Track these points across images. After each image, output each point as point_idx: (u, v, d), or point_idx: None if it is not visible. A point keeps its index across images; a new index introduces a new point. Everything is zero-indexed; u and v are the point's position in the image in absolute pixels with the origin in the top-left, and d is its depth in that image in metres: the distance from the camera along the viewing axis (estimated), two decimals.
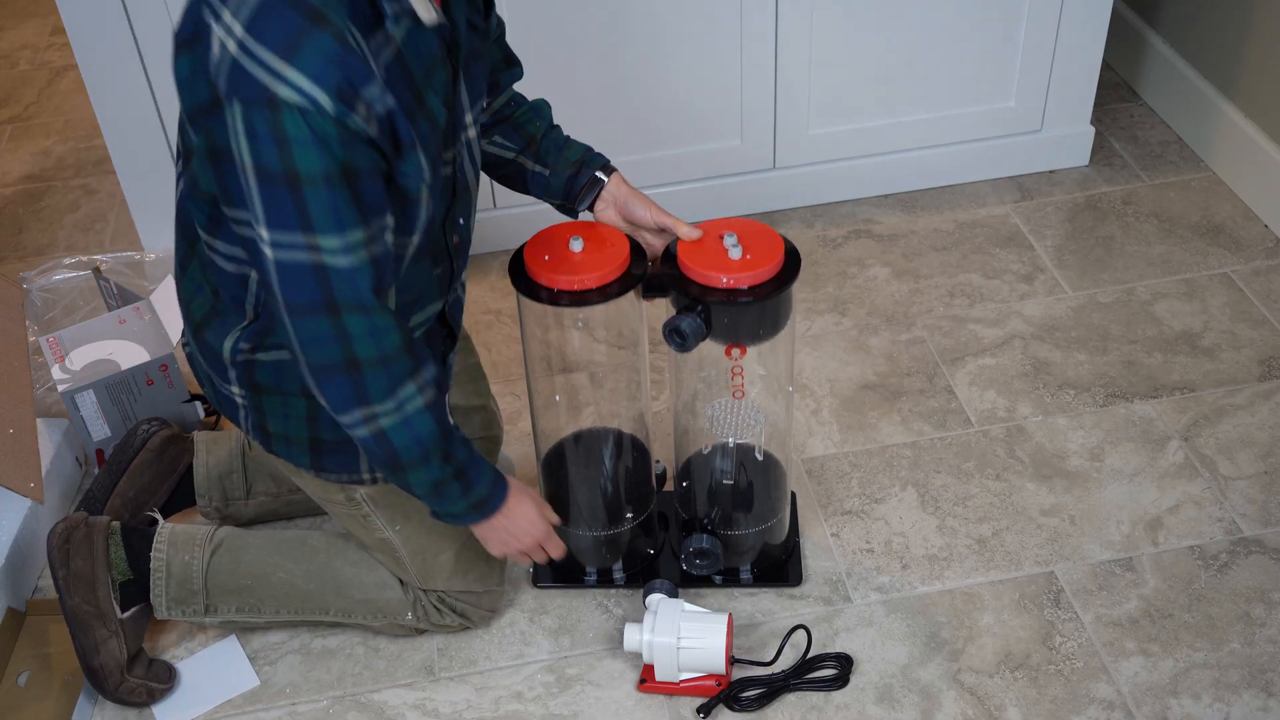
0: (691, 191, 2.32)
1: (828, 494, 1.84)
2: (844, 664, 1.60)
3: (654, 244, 1.55)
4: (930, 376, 2.02)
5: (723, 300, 1.44)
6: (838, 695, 1.58)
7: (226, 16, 1.15)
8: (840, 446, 1.92)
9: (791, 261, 1.47)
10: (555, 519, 1.59)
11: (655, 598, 1.62)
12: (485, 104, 1.46)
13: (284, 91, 1.12)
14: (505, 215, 2.26)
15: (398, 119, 1.20)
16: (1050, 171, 2.44)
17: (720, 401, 1.60)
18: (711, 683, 1.58)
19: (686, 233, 1.49)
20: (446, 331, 1.52)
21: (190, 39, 1.20)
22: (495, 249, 2.31)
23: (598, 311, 1.55)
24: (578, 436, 1.69)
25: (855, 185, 2.39)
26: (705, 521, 1.68)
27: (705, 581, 1.71)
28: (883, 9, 2.17)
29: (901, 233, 2.32)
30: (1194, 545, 1.74)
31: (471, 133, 1.40)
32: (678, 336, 1.45)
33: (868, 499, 1.83)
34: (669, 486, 1.77)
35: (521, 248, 1.51)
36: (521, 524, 1.52)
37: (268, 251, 1.21)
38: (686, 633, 1.56)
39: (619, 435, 1.69)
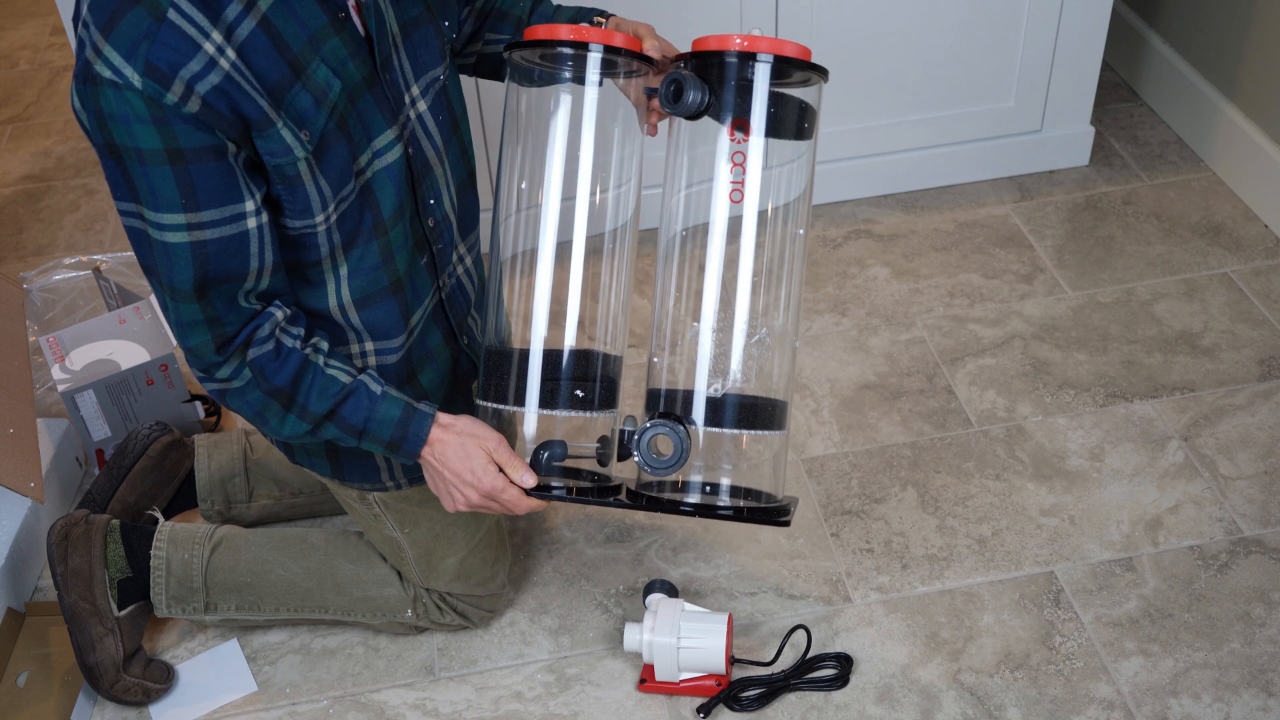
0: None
1: (828, 494, 1.84)
2: (844, 664, 1.60)
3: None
4: (930, 376, 2.02)
5: (735, 56, 1.30)
6: (838, 695, 1.58)
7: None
8: (840, 446, 1.92)
9: (818, 66, 1.33)
10: (523, 476, 1.36)
11: (655, 597, 1.62)
12: (441, 75, 1.40)
13: (99, 67, 1.12)
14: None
15: (237, 96, 1.15)
16: (1050, 171, 2.44)
17: (709, 313, 1.37)
18: (711, 683, 1.58)
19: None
20: (447, 327, 1.50)
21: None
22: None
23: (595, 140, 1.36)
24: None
25: (855, 185, 2.39)
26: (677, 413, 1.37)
27: (672, 507, 1.37)
28: (883, 9, 2.17)
29: (901, 233, 2.32)
30: (1194, 545, 1.74)
31: (422, 106, 1.36)
32: (673, 88, 1.30)
33: (868, 499, 1.83)
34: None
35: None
36: (456, 473, 1.36)
37: (120, 217, 1.22)
38: (686, 633, 1.56)
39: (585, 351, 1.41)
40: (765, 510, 1.38)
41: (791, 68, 1.32)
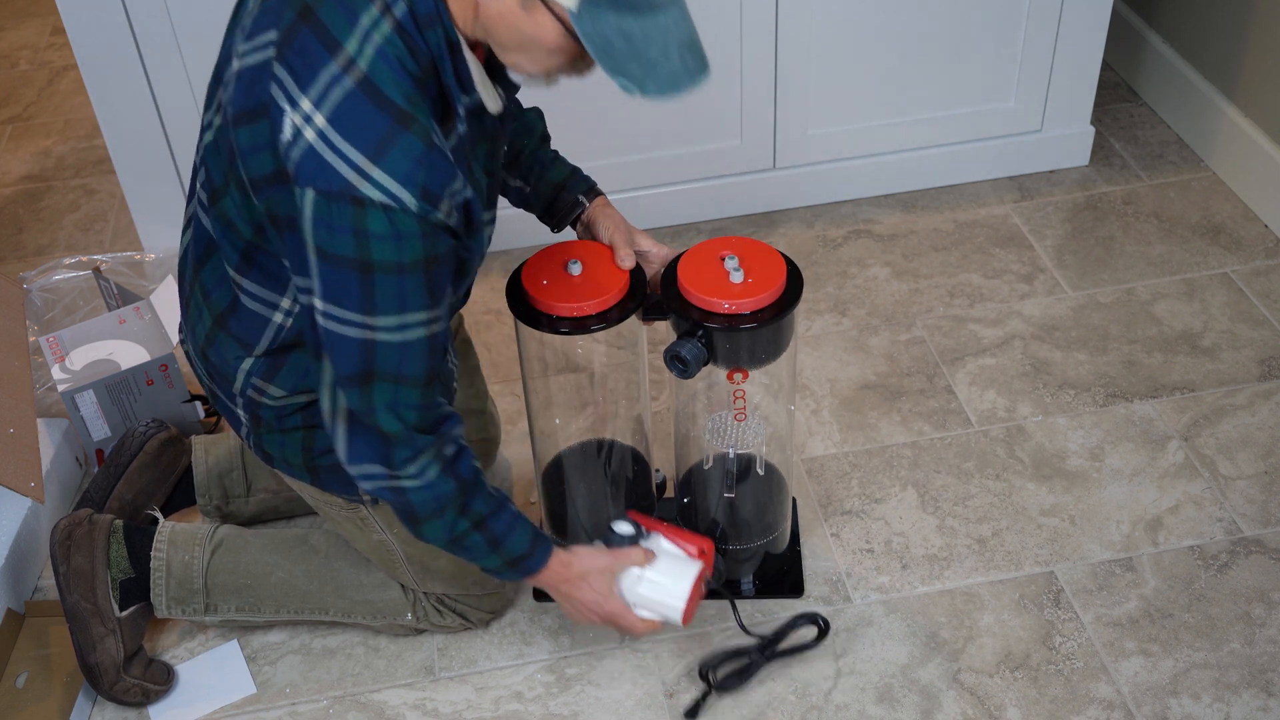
0: (691, 192, 2.32)
1: (828, 494, 1.84)
2: (820, 625, 1.60)
3: (649, 266, 1.54)
4: (930, 376, 2.02)
5: (725, 326, 1.42)
6: (838, 695, 1.58)
7: (305, 104, 1.16)
8: (840, 446, 1.92)
9: (793, 283, 1.45)
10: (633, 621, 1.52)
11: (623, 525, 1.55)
12: None
13: (369, 190, 1.16)
14: (504, 215, 2.26)
15: (473, 205, 1.25)
16: (1050, 171, 2.44)
17: (720, 414, 1.60)
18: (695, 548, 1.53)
19: (658, 252, 1.52)
20: None
21: (252, 113, 1.21)
22: (495, 249, 2.31)
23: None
24: (577, 449, 1.68)
25: (855, 185, 2.39)
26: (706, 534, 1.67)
27: (707, 594, 1.65)
28: (883, 9, 2.17)
29: (901, 233, 2.32)
30: (1194, 545, 1.74)
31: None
32: (679, 363, 1.43)
33: (868, 499, 1.83)
34: (669, 493, 1.77)
35: (519, 270, 1.49)
36: (586, 601, 1.49)
37: (319, 320, 1.24)
38: (657, 568, 1.50)
39: (618, 446, 1.68)
40: (778, 583, 1.70)
41: (779, 309, 1.43)
